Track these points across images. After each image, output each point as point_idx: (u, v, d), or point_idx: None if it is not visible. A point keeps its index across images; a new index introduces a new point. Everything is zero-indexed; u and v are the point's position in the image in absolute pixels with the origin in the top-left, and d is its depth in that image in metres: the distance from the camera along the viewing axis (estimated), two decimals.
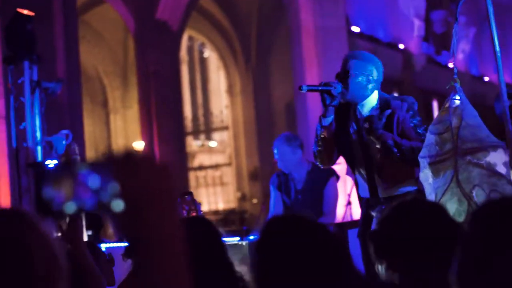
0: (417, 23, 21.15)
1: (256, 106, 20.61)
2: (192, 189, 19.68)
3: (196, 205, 4.06)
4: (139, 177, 1.27)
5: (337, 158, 4.80)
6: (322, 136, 4.61)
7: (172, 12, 18.05)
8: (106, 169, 1.27)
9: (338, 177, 6.39)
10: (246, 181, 21.17)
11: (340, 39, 17.04)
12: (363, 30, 18.98)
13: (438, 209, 2.59)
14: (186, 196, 4.15)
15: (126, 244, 4.18)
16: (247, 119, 21.05)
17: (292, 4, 17.16)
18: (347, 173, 4.98)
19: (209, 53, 22.65)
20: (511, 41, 23.58)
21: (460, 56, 23.14)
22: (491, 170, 4.00)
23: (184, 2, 18.48)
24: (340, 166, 6.59)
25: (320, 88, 4.50)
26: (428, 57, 21.81)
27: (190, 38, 22.04)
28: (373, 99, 4.66)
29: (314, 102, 16.19)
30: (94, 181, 1.25)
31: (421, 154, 4.20)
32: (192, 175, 21.49)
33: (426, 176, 4.15)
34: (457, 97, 4.24)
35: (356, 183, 4.82)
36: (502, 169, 4.03)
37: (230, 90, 21.73)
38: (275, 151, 6.23)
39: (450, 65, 23.83)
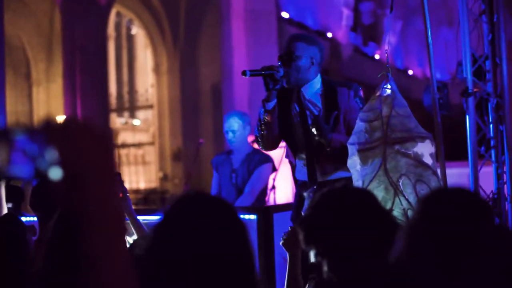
0: (346, 13, 21.34)
1: (182, 86, 20.47)
2: None
3: (123, 187, 3.98)
4: (78, 144, 1.23)
5: (279, 142, 4.78)
6: (265, 120, 4.57)
7: None
8: (44, 135, 1.22)
9: (275, 169, 6.40)
10: (168, 161, 21.05)
11: (269, 24, 17.08)
12: (293, 16, 19.04)
13: (368, 196, 2.59)
14: None
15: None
16: (172, 99, 20.90)
17: None
18: (286, 156, 4.95)
19: (137, 30, 22.38)
20: (435, 37, 24.01)
21: (386, 48, 23.43)
22: (418, 160, 4.05)
23: None
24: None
25: (263, 72, 4.44)
26: (355, 47, 22.03)
27: (118, 14, 21.72)
28: (316, 82, 4.65)
29: (240, 83, 16.19)
30: (31, 148, 1.20)
31: (350, 140, 4.22)
32: None
33: (354, 163, 4.18)
34: (389, 86, 4.29)
35: (293, 166, 4.80)
36: (428, 160, 4.09)
37: (157, 69, 21.52)
38: (226, 124, 6.20)
39: (377, 56, 24.06)
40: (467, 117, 5.78)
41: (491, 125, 5.97)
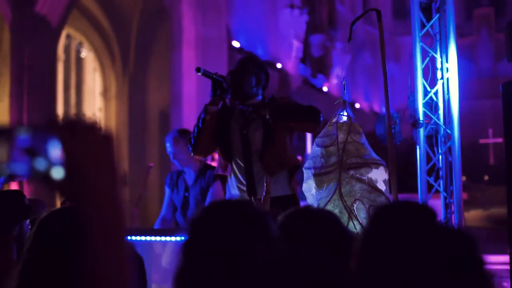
0: (296, 45, 21.54)
1: (130, 111, 20.40)
2: None
3: None
4: (84, 143, 1.23)
5: (212, 150, 5.05)
6: (202, 119, 4.84)
7: (53, 7, 17.66)
8: (48, 134, 1.22)
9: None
10: None
11: (220, 52, 17.16)
12: (243, 46, 19.16)
13: (333, 217, 2.62)
14: None
15: None
16: (119, 124, 20.80)
17: (175, 11, 17.14)
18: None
19: (87, 54, 22.27)
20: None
21: (334, 81, 23.72)
22: (372, 186, 4.14)
23: None
24: None
25: (213, 76, 4.79)
26: (304, 79, 22.24)
27: (68, 36, 21.59)
28: (257, 100, 4.93)
29: (189, 110, 16.20)
30: (33, 146, 1.20)
31: (306, 165, 4.30)
32: None
33: (309, 186, 4.24)
34: (345, 113, 4.38)
35: (225, 184, 4.92)
36: (382, 186, 4.18)
37: (105, 93, 21.42)
38: (168, 144, 6.22)
39: (325, 88, 24.25)
40: (418, 147, 5.89)
41: (440, 156, 6.09)
